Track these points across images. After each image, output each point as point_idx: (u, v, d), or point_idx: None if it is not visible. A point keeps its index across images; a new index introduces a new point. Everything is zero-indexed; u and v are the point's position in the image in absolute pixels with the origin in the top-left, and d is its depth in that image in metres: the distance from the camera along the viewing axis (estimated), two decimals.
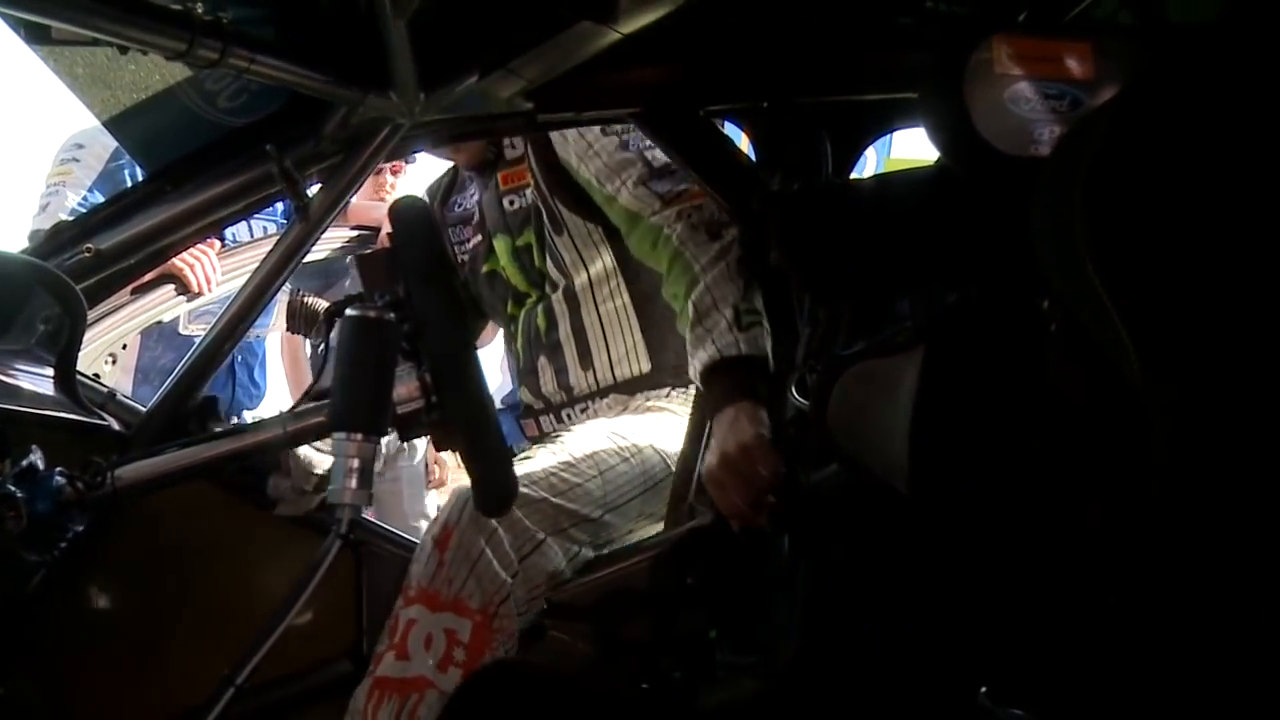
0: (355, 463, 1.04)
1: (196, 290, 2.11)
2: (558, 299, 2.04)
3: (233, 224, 1.76)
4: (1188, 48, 1.09)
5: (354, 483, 1.04)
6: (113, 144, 2.64)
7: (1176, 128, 0.95)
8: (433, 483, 3.27)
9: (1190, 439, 0.90)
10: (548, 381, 2.07)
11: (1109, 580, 0.93)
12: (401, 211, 1.21)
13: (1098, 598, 0.93)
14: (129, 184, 2.61)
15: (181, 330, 2.54)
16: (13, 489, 1.23)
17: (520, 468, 1.68)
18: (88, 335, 1.62)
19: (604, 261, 2.02)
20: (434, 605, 1.54)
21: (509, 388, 2.91)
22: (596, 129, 1.89)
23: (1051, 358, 1.05)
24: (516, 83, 1.60)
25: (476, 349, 1.24)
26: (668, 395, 2.03)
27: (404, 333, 1.12)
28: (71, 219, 1.71)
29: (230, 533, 1.67)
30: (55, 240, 1.67)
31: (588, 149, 1.90)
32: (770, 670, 1.70)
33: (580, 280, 2.02)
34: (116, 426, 1.66)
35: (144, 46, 1.31)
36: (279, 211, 2.83)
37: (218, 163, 1.67)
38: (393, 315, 1.08)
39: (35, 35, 1.33)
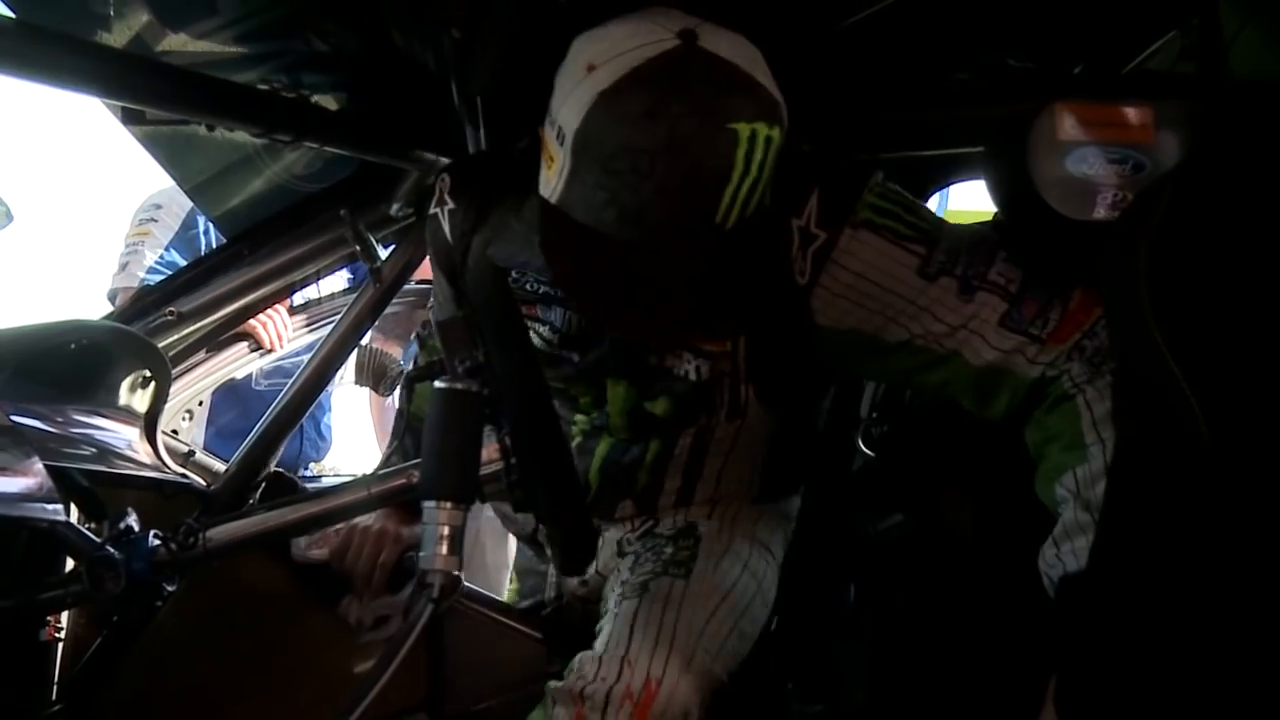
0: (445, 530, 1.08)
1: (269, 347, 2.17)
2: (679, 461, 1.50)
3: (308, 285, 1.82)
4: (1248, 114, 1.11)
5: (444, 549, 1.08)
6: (189, 204, 2.71)
7: (1238, 197, 0.97)
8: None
9: (1259, 493, 0.91)
10: (624, 513, 1.56)
11: (1178, 630, 0.94)
12: (479, 275, 1.24)
13: (1170, 644, 0.94)
14: (204, 249, 2.71)
15: (255, 386, 2.61)
16: (111, 551, 1.29)
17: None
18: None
19: (760, 421, 1.48)
20: None
21: None
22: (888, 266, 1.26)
23: (1119, 420, 1.06)
24: None
25: (555, 411, 1.26)
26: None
27: (485, 398, 1.16)
28: (154, 283, 1.77)
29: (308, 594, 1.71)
30: (139, 304, 1.75)
31: (908, 304, 1.25)
32: (838, 718, 1.71)
33: (717, 449, 1.50)
34: (200, 484, 1.72)
35: (231, 124, 1.37)
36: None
37: (293, 227, 1.74)
38: (476, 386, 1.12)
39: (131, 117, 1.40)
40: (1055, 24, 1.56)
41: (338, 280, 2.24)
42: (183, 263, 2.48)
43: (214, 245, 2.69)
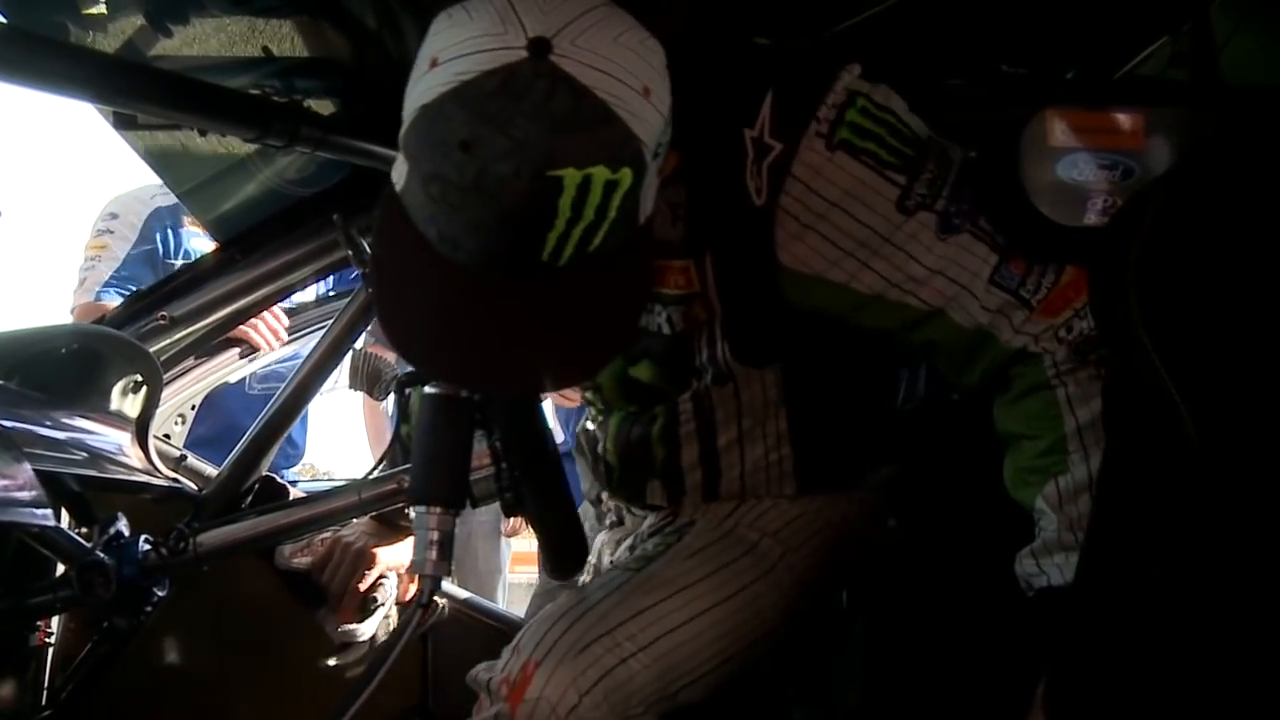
0: (435, 535, 1.08)
1: (265, 348, 2.16)
2: (686, 429, 1.38)
3: (300, 289, 1.82)
4: (1238, 121, 1.11)
5: (434, 554, 1.07)
6: (146, 211, 2.71)
7: (1227, 203, 0.97)
8: (508, 531, 3.29)
9: (1249, 498, 0.91)
10: (653, 497, 1.45)
11: (1172, 636, 0.94)
12: None
13: (1161, 653, 0.94)
14: (161, 266, 2.69)
15: (248, 390, 2.60)
16: (102, 556, 1.29)
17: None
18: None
19: (764, 384, 1.35)
20: None
21: (561, 436, 2.91)
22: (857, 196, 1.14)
23: (1108, 424, 1.06)
24: None
25: (544, 416, 1.27)
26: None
27: (475, 403, 1.16)
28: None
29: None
30: (131, 308, 1.74)
31: (882, 243, 1.14)
32: None
33: (723, 412, 1.37)
34: (192, 488, 1.71)
35: (223, 129, 1.37)
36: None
37: (286, 231, 1.73)
38: (466, 391, 1.12)
39: (123, 122, 1.40)
40: (1048, 30, 1.56)
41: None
42: (142, 281, 2.43)
43: (173, 260, 2.71)
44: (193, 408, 2.07)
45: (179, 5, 1.36)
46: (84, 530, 1.40)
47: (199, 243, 2.71)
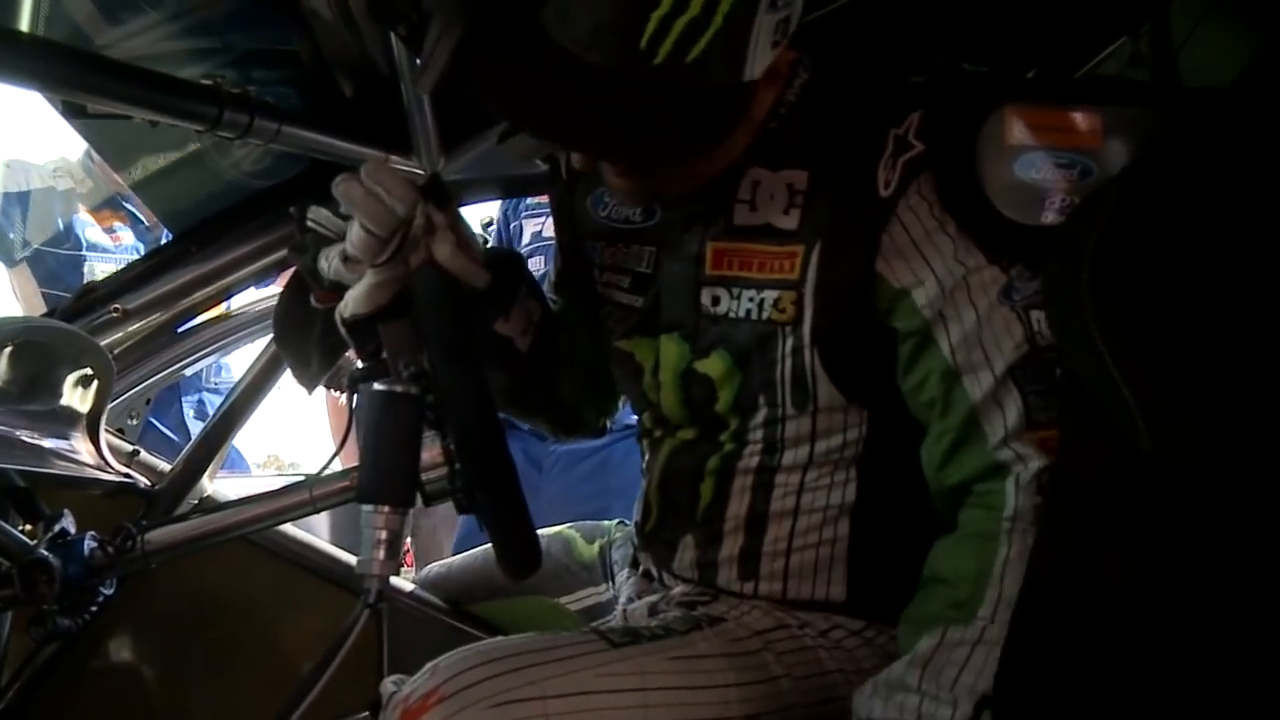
0: (384, 534, 1.05)
1: None
2: (747, 465, 1.24)
3: (257, 284, 1.79)
4: (1193, 121, 1.11)
5: (383, 554, 1.05)
6: None
7: (1182, 203, 0.97)
8: None
9: (1200, 504, 0.91)
10: (684, 562, 1.30)
11: (1126, 639, 0.94)
12: (424, 280, 1.22)
13: (1114, 657, 0.94)
14: None
15: (205, 385, 2.57)
16: (46, 554, 1.27)
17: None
18: (114, 390, 1.65)
19: (845, 439, 1.21)
20: None
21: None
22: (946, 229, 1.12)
23: (1063, 424, 1.06)
24: (537, 143, 1.63)
25: (498, 418, 1.25)
26: (861, 633, 1.23)
27: (428, 402, 1.14)
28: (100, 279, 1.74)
29: (257, 588, 1.69)
30: (83, 300, 1.71)
31: (961, 277, 1.10)
32: None
33: (792, 458, 1.22)
34: (143, 483, 1.69)
35: (175, 120, 1.35)
36: None
37: (242, 224, 1.71)
38: (417, 390, 1.10)
39: (72, 110, 1.37)
40: (1009, 28, 1.56)
41: None
42: None
43: None
44: (147, 402, 2.04)
45: None
46: (29, 528, 1.37)
47: None
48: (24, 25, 1.32)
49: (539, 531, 1.14)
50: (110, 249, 3.65)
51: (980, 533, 1.07)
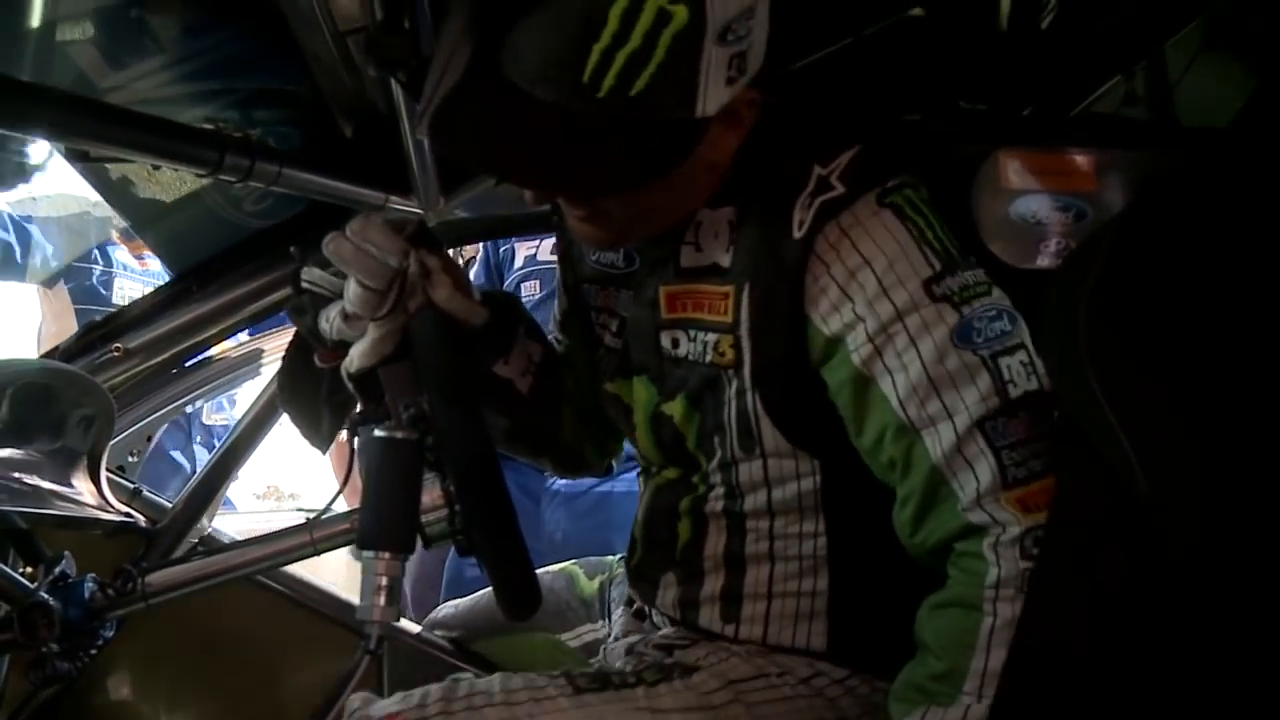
0: (384, 580, 1.06)
1: None
2: (714, 509, 1.23)
3: (257, 324, 1.80)
4: (1188, 163, 1.12)
5: (383, 600, 1.06)
6: None
7: (1178, 247, 0.98)
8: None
9: (1199, 546, 0.92)
10: (666, 599, 1.29)
11: (1127, 669, 0.94)
12: (423, 323, 1.22)
13: (1116, 686, 0.94)
14: None
15: (205, 420, 2.58)
16: (46, 597, 1.26)
17: None
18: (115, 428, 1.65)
19: (800, 487, 1.18)
20: None
21: None
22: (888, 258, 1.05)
23: (1060, 466, 1.06)
24: None
25: (496, 458, 1.25)
26: (844, 682, 1.20)
27: (427, 445, 1.14)
28: (99, 322, 1.74)
29: (257, 628, 1.68)
30: (84, 340, 1.71)
31: (897, 319, 1.05)
32: None
33: (752, 503, 1.21)
34: (143, 523, 1.69)
35: (177, 165, 1.36)
36: None
37: (242, 263, 1.72)
38: (417, 435, 1.11)
39: (75, 154, 1.38)
40: (1005, 67, 1.57)
41: None
42: None
43: None
44: (149, 440, 2.04)
45: (133, 39, 1.36)
46: (29, 570, 1.37)
47: None
48: (28, 71, 1.33)
49: (545, 569, 1.15)
50: (139, 272, 3.82)
51: (961, 600, 1.03)
